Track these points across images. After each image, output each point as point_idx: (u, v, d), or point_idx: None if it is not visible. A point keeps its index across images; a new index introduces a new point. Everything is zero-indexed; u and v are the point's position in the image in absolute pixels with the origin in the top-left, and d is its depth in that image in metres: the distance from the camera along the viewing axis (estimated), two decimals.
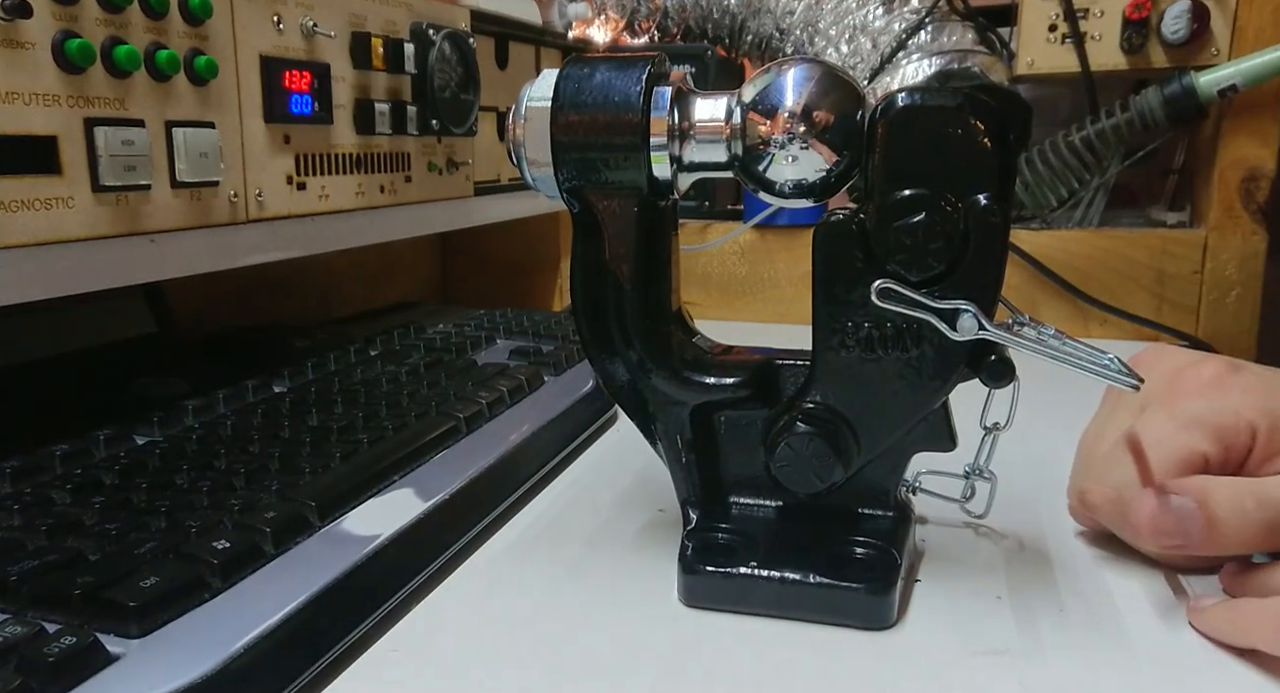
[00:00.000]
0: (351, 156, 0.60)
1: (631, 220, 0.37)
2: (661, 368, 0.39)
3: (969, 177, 0.33)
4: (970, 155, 0.33)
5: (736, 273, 0.97)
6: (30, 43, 0.40)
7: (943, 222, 0.34)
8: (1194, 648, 0.34)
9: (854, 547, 0.37)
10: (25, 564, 0.32)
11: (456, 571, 0.40)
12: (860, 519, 0.39)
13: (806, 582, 0.35)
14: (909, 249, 0.34)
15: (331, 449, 0.44)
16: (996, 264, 0.34)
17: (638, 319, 0.38)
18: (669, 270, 0.40)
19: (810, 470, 0.37)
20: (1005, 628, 0.35)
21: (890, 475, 0.38)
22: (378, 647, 0.34)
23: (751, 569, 0.36)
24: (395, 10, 0.62)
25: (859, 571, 0.36)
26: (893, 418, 0.37)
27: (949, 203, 0.34)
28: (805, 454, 0.37)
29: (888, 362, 0.36)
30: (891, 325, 0.36)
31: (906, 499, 0.40)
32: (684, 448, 0.40)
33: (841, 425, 0.37)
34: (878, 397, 0.37)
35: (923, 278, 0.34)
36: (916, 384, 0.36)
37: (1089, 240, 0.86)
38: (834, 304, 0.36)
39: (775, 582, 0.36)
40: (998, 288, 0.34)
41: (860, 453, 0.37)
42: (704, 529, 0.39)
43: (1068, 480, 0.43)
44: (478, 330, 0.70)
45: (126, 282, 0.46)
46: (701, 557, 0.37)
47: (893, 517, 0.39)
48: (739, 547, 0.38)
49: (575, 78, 0.36)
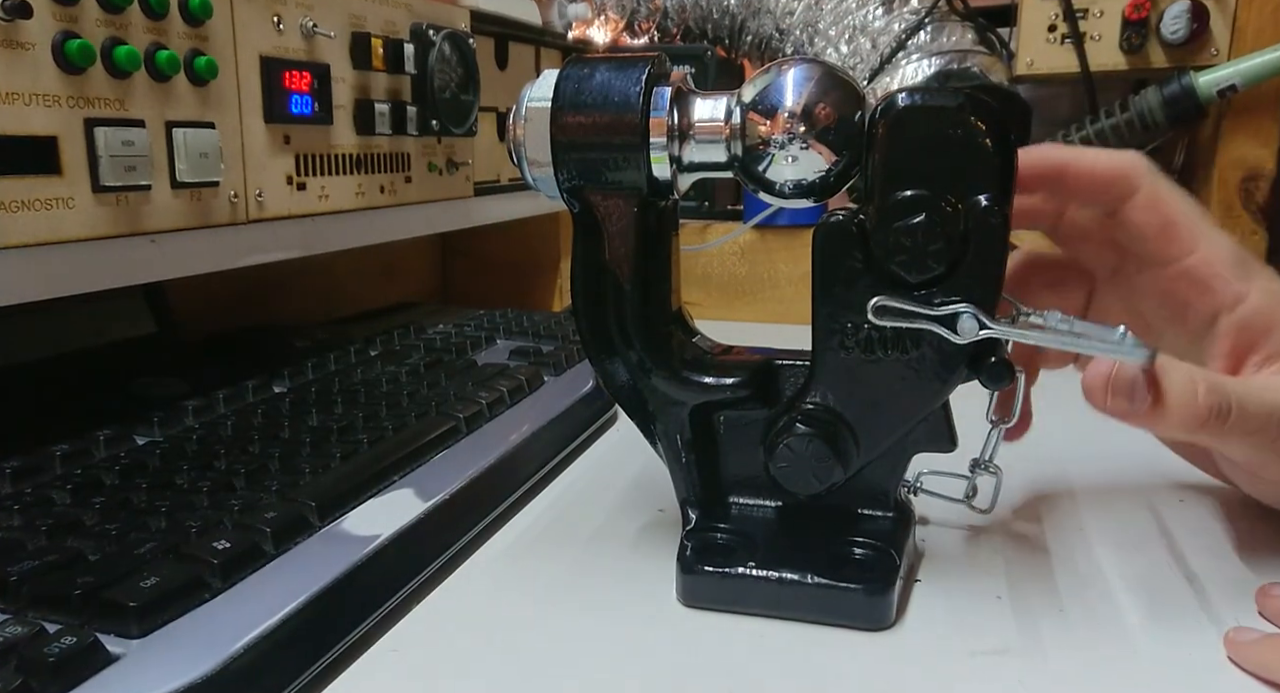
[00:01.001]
0: (351, 157, 0.60)
1: (631, 221, 0.37)
2: (661, 368, 0.39)
3: (969, 177, 0.33)
4: (970, 156, 0.33)
5: (736, 273, 0.97)
6: (30, 43, 0.40)
7: (943, 223, 0.33)
8: (1194, 648, 0.34)
9: (853, 547, 0.37)
10: (25, 564, 0.32)
11: (456, 571, 0.40)
12: (860, 520, 0.39)
13: (804, 582, 0.35)
14: (909, 250, 0.34)
15: (331, 449, 0.44)
16: (997, 265, 0.34)
17: (637, 319, 0.38)
18: (669, 271, 0.40)
19: (809, 472, 0.37)
20: (1005, 628, 0.35)
21: (890, 476, 0.38)
22: (378, 647, 0.34)
23: (749, 570, 0.36)
24: (395, 10, 0.62)
25: (857, 571, 0.36)
26: (892, 419, 0.37)
27: (949, 204, 0.34)
28: (804, 455, 0.37)
29: (887, 363, 0.36)
30: (891, 327, 0.36)
31: (907, 500, 0.40)
32: (683, 448, 0.40)
33: (841, 427, 0.37)
34: (877, 398, 0.37)
35: (922, 279, 0.34)
36: (916, 385, 0.36)
37: None
38: (833, 305, 0.36)
39: (773, 582, 0.36)
40: (998, 288, 0.34)
41: (860, 454, 0.37)
42: (703, 529, 0.39)
43: (1069, 479, 0.43)
44: (478, 331, 0.70)
45: (126, 282, 0.46)
46: (700, 557, 0.37)
47: (893, 518, 0.39)
48: (738, 547, 0.38)
49: (575, 78, 0.36)
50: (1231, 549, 0.41)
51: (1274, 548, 0.41)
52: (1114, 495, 0.47)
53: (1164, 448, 0.45)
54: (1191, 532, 0.43)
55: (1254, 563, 0.40)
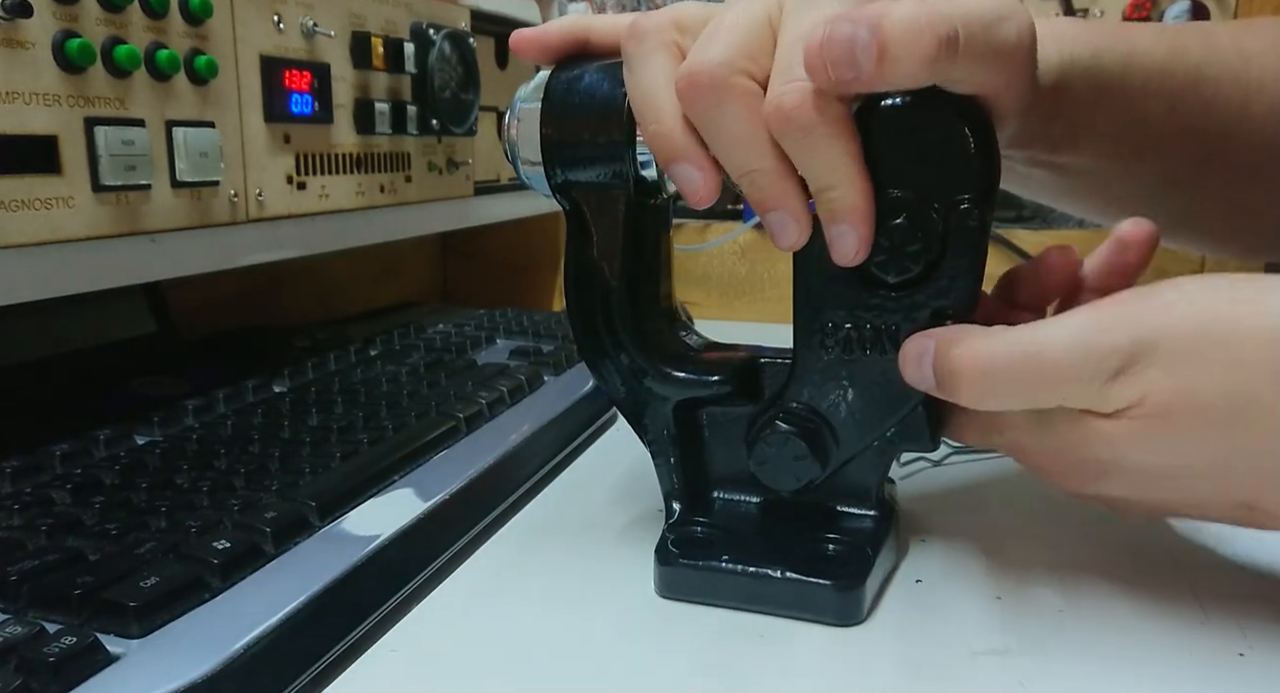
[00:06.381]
0: (351, 156, 0.60)
1: (618, 218, 0.38)
2: (646, 363, 0.39)
3: (952, 179, 0.33)
4: (954, 158, 0.33)
5: (736, 273, 0.97)
6: (30, 42, 0.40)
7: (923, 225, 0.34)
8: (1194, 648, 0.34)
9: (829, 544, 0.38)
10: (25, 564, 0.32)
11: (456, 571, 0.40)
12: (840, 517, 0.39)
13: (777, 577, 0.36)
14: (886, 251, 0.34)
15: (331, 449, 0.44)
16: (975, 268, 0.34)
17: (625, 316, 0.39)
18: (658, 268, 0.40)
19: (788, 469, 0.37)
20: (1005, 628, 0.35)
21: (871, 474, 0.39)
22: (378, 647, 0.34)
23: (724, 563, 0.36)
24: (395, 10, 0.62)
25: (830, 567, 0.36)
26: (871, 418, 0.37)
27: (929, 205, 0.33)
28: (784, 453, 0.37)
29: (866, 363, 0.36)
30: (870, 327, 0.36)
31: (891, 498, 0.41)
32: (668, 442, 0.40)
33: (821, 425, 0.37)
34: (856, 397, 0.37)
35: (900, 280, 0.35)
36: (894, 385, 0.36)
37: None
38: (812, 304, 0.37)
39: (747, 576, 0.36)
40: (976, 290, 0.34)
41: (839, 453, 0.38)
42: (685, 523, 0.40)
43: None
44: (478, 330, 0.70)
45: (126, 282, 0.46)
46: (678, 549, 0.38)
47: (874, 515, 0.39)
48: (717, 541, 0.38)
49: (565, 80, 0.37)
50: (1231, 550, 0.41)
51: (1274, 548, 0.41)
52: None
53: None
54: (1191, 532, 0.43)
55: (1254, 563, 0.40)
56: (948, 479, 0.48)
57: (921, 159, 0.33)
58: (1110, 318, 0.31)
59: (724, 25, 0.33)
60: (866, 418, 0.37)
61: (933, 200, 0.33)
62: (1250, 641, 0.34)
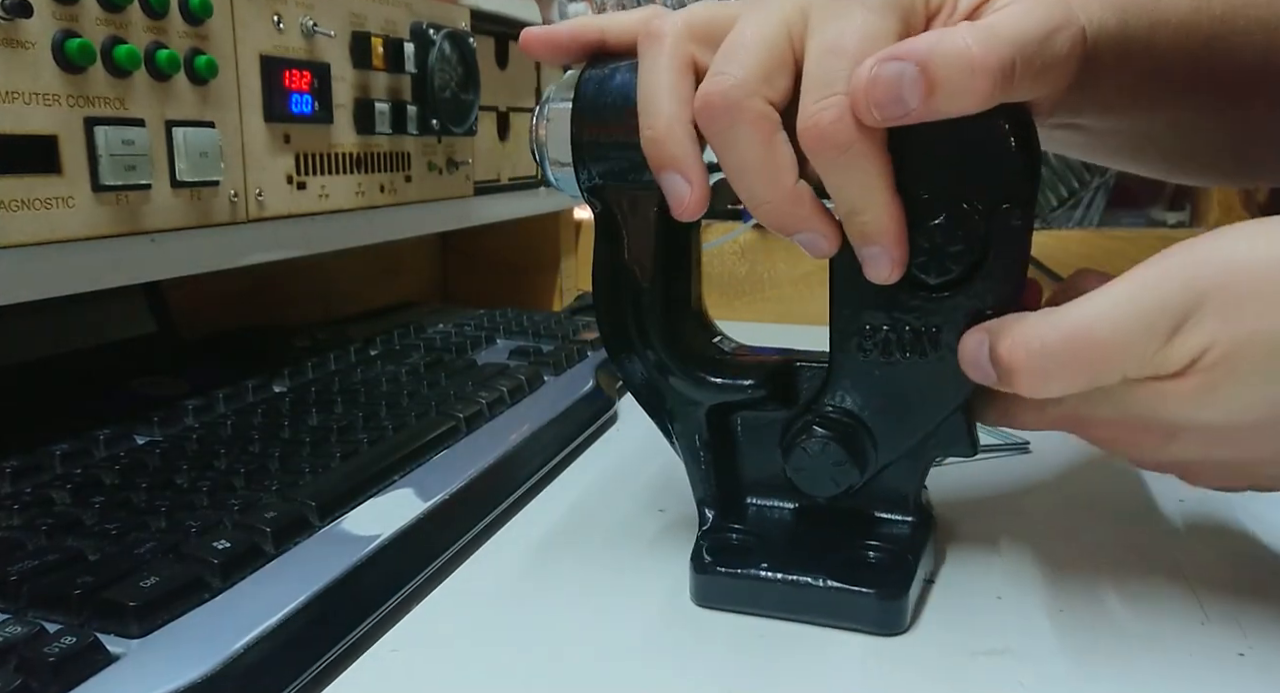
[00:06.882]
0: (351, 156, 0.60)
1: (651, 220, 0.37)
2: (678, 367, 0.39)
3: (992, 179, 0.33)
4: (996, 158, 0.32)
5: (736, 273, 0.97)
6: (30, 42, 0.40)
7: (963, 225, 0.33)
8: (1194, 648, 0.34)
9: (869, 551, 0.37)
10: (25, 564, 0.32)
11: (456, 571, 0.40)
12: (878, 523, 0.38)
13: (818, 585, 0.35)
14: (927, 252, 0.33)
15: (331, 449, 0.44)
16: (1018, 269, 0.33)
17: (656, 319, 0.38)
18: (689, 270, 0.40)
19: (826, 474, 0.36)
20: (1005, 628, 0.35)
21: (910, 480, 0.38)
22: (378, 647, 0.34)
23: (763, 571, 0.36)
24: (395, 10, 0.62)
25: (872, 575, 0.35)
26: (911, 423, 0.36)
27: (971, 206, 0.33)
28: (821, 458, 0.36)
29: (906, 366, 0.35)
30: (910, 329, 0.35)
31: (928, 503, 0.40)
32: (701, 448, 0.39)
33: (858, 430, 0.37)
34: (895, 401, 0.36)
35: (941, 281, 0.34)
36: (935, 389, 0.35)
37: (1089, 240, 0.86)
38: (850, 306, 0.36)
39: (787, 584, 0.35)
40: (1019, 292, 0.34)
41: (877, 458, 0.37)
42: (719, 529, 0.39)
43: (1068, 480, 0.43)
44: (478, 330, 0.70)
45: (126, 282, 0.46)
46: (714, 557, 0.37)
47: (912, 522, 0.38)
48: (753, 548, 0.37)
49: (596, 79, 0.36)
50: (1231, 551, 0.41)
51: (1275, 549, 0.41)
52: (1113, 497, 0.47)
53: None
54: (1191, 533, 0.43)
55: (1254, 565, 0.40)
56: (948, 480, 0.48)
57: (962, 159, 0.32)
58: (1155, 275, 0.29)
59: (741, 42, 0.32)
60: (905, 423, 0.36)
61: (974, 201, 0.33)
62: (1250, 641, 0.34)
